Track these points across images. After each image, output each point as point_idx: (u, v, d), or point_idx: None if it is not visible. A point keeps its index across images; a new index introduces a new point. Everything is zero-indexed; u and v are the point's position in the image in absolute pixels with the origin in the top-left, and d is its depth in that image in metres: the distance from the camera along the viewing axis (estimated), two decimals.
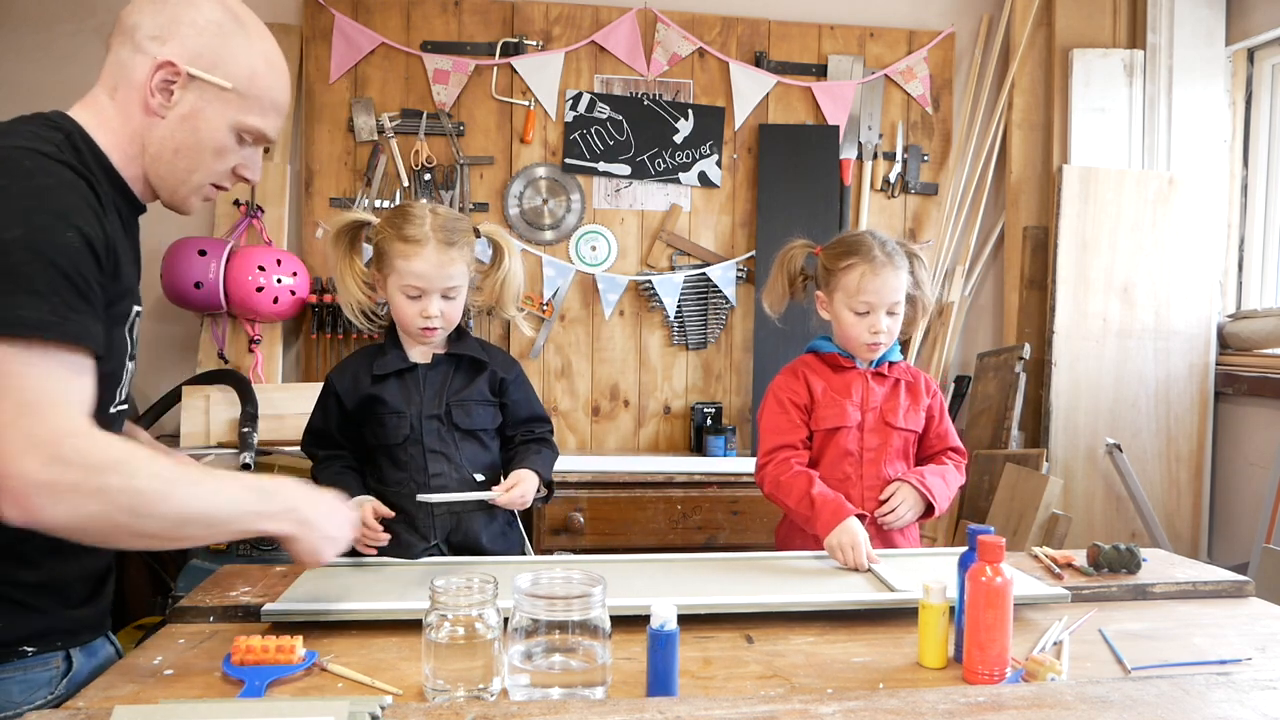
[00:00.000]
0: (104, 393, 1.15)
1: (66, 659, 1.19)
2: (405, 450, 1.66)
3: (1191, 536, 3.09)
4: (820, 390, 1.82)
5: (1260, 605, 1.48)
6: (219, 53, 1.17)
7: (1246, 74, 3.17)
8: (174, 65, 1.15)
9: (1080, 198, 3.07)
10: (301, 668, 1.14)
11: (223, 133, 1.20)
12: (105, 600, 1.28)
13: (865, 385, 1.82)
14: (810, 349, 1.89)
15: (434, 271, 1.60)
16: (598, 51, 3.15)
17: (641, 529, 2.68)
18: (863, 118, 3.26)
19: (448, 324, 1.66)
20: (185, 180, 1.22)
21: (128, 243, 1.21)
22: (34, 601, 1.15)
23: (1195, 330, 3.11)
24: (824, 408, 1.80)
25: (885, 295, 1.75)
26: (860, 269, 1.76)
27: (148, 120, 1.18)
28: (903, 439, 1.83)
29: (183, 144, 1.19)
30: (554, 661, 1.05)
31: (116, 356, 1.17)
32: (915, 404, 1.84)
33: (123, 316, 1.17)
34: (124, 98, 1.18)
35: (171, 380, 2.86)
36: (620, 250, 3.19)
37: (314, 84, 3.04)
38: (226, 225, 2.97)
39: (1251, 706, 0.98)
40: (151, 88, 1.16)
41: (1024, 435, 3.11)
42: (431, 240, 1.60)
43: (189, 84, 1.16)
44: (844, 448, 1.79)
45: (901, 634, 1.30)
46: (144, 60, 1.15)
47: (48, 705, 1.15)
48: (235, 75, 1.18)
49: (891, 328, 1.78)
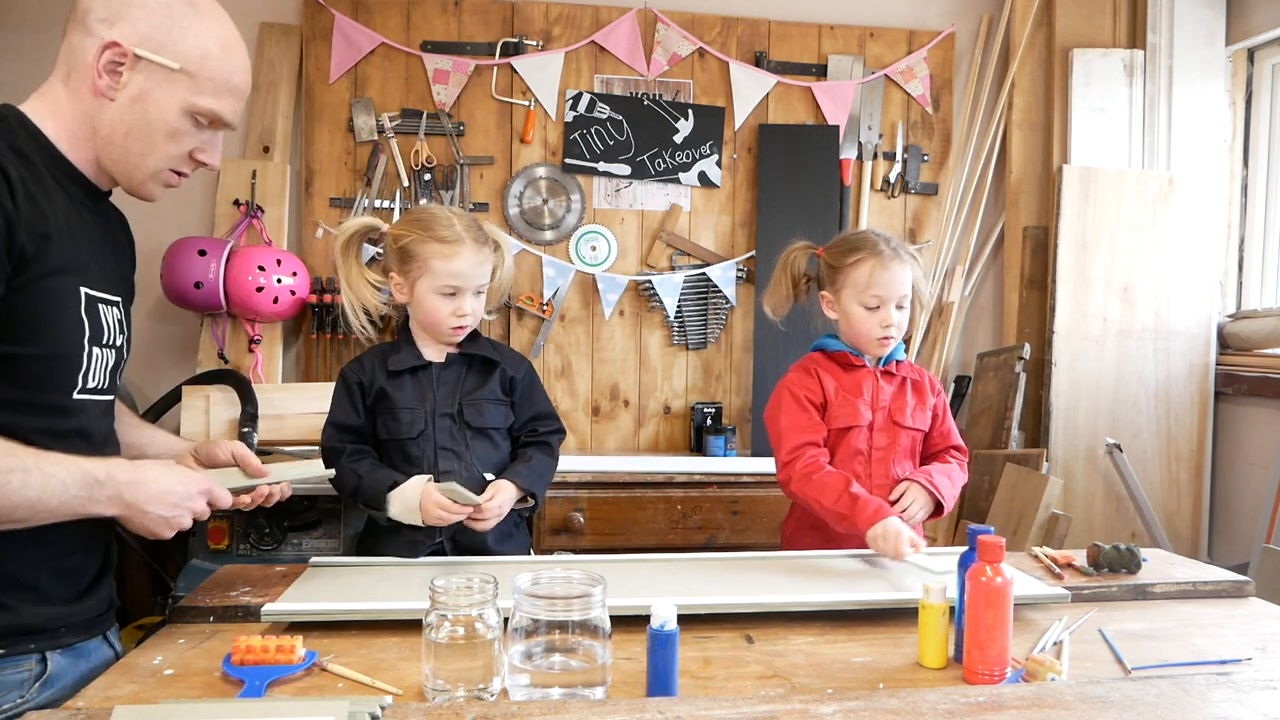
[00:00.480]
0: (61, 377, 1.17)
1: (42, 661, 1.18)
2: (417, 446, 1.69)
3: (1191, 536, 3.09)
4: (833, 389, 1.82)
5: (1260, 605, 1.49)
6: (168, 33, 1.16)
7: (1246, 74, 3.17)
8: (120, 46, 1.14)
9: (1080, 198, 3.07)
10: (301, 668, 1.14)
11: (174, 115, 1.19)
12: (96, 602, 1.27)
13: (875, 384, 1.82)
14: (817, 347, 1.89)
15: (472, 270, 1.66)
16: (598, 51, 3.15)
17: (641, 529, 2.68)
18: (863, 118, 3.26)
19: (475, 321, 1.71)
20: (139, 165, 1.21)
21: (80, 224, 1.20)
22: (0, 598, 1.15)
23: (1195, 330, 3.11)
24: (837, 406, 1.80)
25: (895, 288, 1.76)
26: (870, 263, 1.77)
27: (97, 103, 1.17)
28: (910, 438, 1.83)
29: (133, 127, 1.18)
30: (554, 661, 1.05)
31: (66, 338, 1.17)
32: (922, 403, 1.85)
33: (62, 295, 1.16)
34: (76, 82, 1.17)
35: (171, 380, 2.86)
36: (620, 250, 3.19)
37: (314, 84, 3.04)
38: (226, 225, 2.97)
39: (1251, 706, 0.98)
40: (99, 69, 1.15)
41: (1024, 435, 3.11)
42: (467, 240, 1.66)
43: (137, 65, 1.16)
44: (854, 447, 1.79)
45: (901, 634, 1.30)
46: (93, 43, 1.15)
47: (17, 711, 1.13)
48: (185, 56, 1.17)
49: (901, 321, 1.79)
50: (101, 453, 1.26)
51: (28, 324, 1.12)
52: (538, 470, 1.72)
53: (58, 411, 1.18)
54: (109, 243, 1.29)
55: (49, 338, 1.14)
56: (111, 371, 1.27)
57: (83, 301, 1.18)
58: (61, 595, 1.21)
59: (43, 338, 1.13)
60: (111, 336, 1.25)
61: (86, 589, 1.25)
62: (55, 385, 1.17)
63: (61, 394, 1.18)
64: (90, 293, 1.20)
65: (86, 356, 1.20)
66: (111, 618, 1.33)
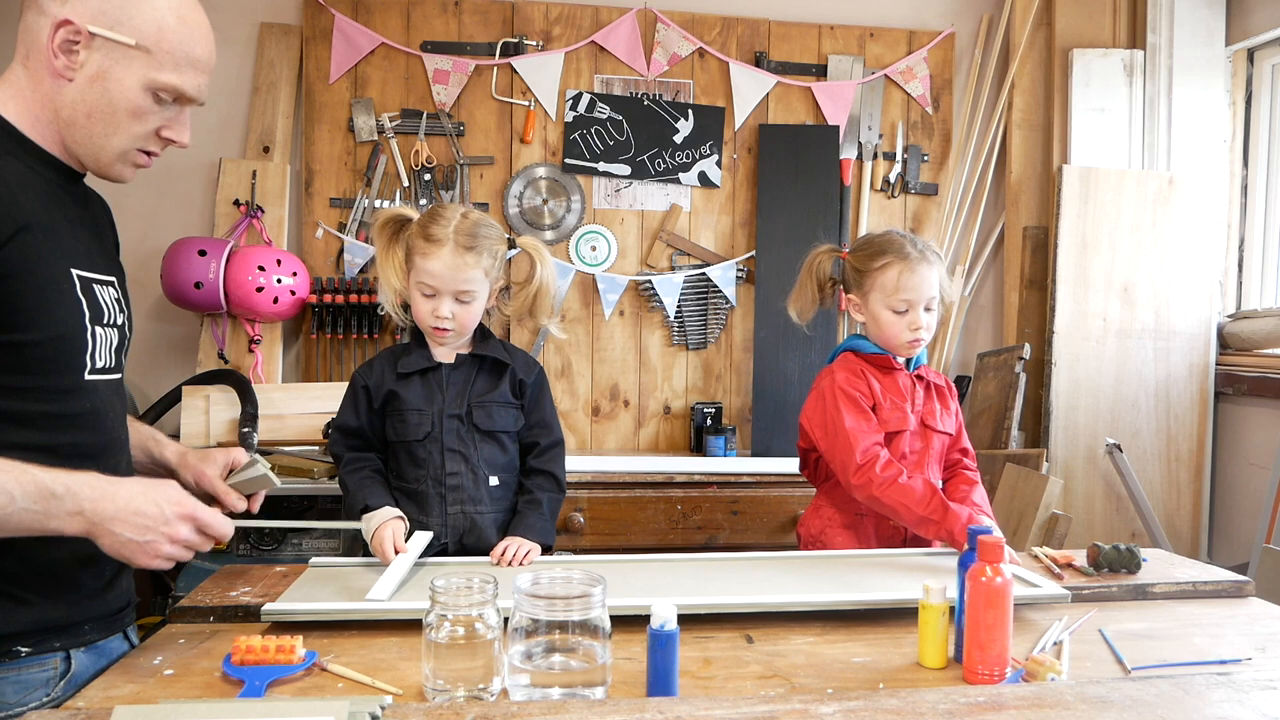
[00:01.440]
0: (67, 359, 1.16)
1: (66, 659, 1.18)
2: (424, 447, 1.69)
3: (1191, 536, 3.09)
4: (879, 391, 1.78)
5: (1260, 605, 1.48)
6: (122, 8, 1.13)
7: (1246, 74, 3.17)
8: (73, 24, 1.12)
9: (1080, 198, 3.07)
10: (301, 668, 1.14)
11: (135, 92, 1.16)
12: (116, 595, 1.27)
13: (912, 388, 1.81)
14: (849, 348, 1.84)
15: (447, 273, 1.62)
16: (598, 51, 3.15)
17: (641, 529, 2.68)
18: (863, 118, 3.26)
19: (460, 327, 1.67)
20: (104, 146, 1.18)
21: (58, 207, 1.18)
22: (23, 594, 1.14)
23: (1195, 330, 3.11)
24: (885, 410, 1.77)
25: (924, 291, 1.75)
26: (897, 267, 1.75)
27: (56, 84, 1.15)
28: (941, 443, 1.82)
29: (95, 106, 1.16)
30: (554, 661, 1.05)
31: (65, 320, 1.15)
32: (947, 408, 1.85)
33: (55, 279, 1.14)
34: (34, 64, 1.15)
35: (171, 380, 2.86)
36: (620, 250, 3.19)
37: (314, 84, 3.04)
38: (226, 225, 2.97)
39: (1251, 706, 0.98)
40: (54, 49, 1.13)
41: (1024, 435, 3.11)
42: (450, 242, 1.62)
43: (92, 43, 1.13)
44: (900, 451, 1.76)
45: (901, 634, 1.30)
46: (46, 22, 1.13)
47: (45, 706, 1.14)
48: (141, 31, 1.14)
49: (930, 323, 1.78)
50: (115, 436, 1.25)
51: (24, 310, 1.10)
52: (549, 515, 1.72)
53: (70, 394, 1.17)
54: (90, 224, 1.28)
55: (49, 321, 1.13)
56: (116, 351, 1.27)
57: (77, 284, 1.17)
58: (88, 585, 1.21)
59: (43, 322, 1.12)
60: (112, 316, 1.24)
61: (110, 579, 1.25)
62: (63, 368, 1.16)
63: (71, 376, 1.17)
64: (82, 274, 1.19)
65: (90, 337, 1.19)
66: (132, 614, 1.33)
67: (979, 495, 1.80)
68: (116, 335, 1.26)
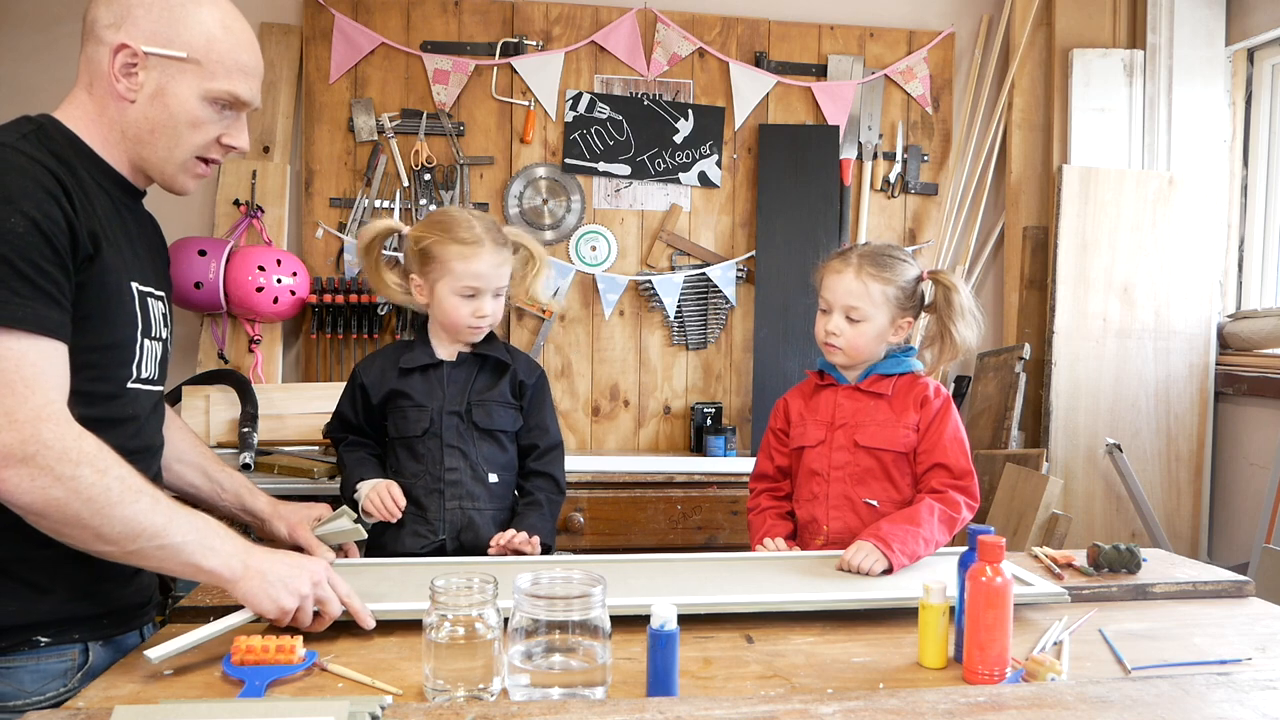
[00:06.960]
0: (115, 366, 1.22)
1: (84, 652, 1.20)
2: (424, 443, 1.71)
3: (1191, 536, 3.09)
4: (796, 411, 1.85)
5: (1260, 605, 1.48)
6: (172, 26, 1.20)
7: (1246, 74, 3.17)
8: (129, 46, 1.19)
9: (1080, 198, 3.07)
10: (301, 668, 1.14)
11: (194, 104, 1.23)
12: (135, 590, 1.29)
13: (835, 402, 1.78)
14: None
15: (491, 271, 1.68)
16: (598, 51, 3.15)
17: (641, 529, 2.68)
18: (863, 118, 3.26)
19: (494, 321, 1.73)
20: (169, 158, 1.25)
21: (121, 223, 1.25)
22: (48, 584, 1.17)
23: (1195, 330, 3.11)
24: (795, 427, 1.84)
25: (839, 296, 1.73)
26: (827, 266, 1.80)
27: (120, 107, 1.22)
28: (874, 458, 1.73)
29: (158, 123, 1.23)
30: (554, 661, 1.05)
31: (121, 329, 1.22)
32: (897, 421, 1.73)
33: (119, 289, 1.21)
34: (99, 91, 1.22)
35: (172, 380, 2.82)
36: (620, 250, 3.19)
37: (314, 84, 3.04)
38: (226, 225, 2.97)
39: (1251, 706, 0.98)
40: (115, 73, 1.20)
41: (1024, 435, 3.11)
42: (487, 242, 1.68)
43: (148, 63, 1.20)
44: (810, 467, 1.79)
45: (901, 634, 1.30)
46: (105, 50, 1.20)
47: (59, 699, 1.16)
48: (191, 44, 1.21)
49: (849, 334, 1.72)
50: (149, 443, 1.33)
51: (91, 317, 1.17)
52: (550, 515, 1.76)
53: (114, 400, 1.23)
54: (146, 240, 1.35)
55: (108, 330, 1.20)
56: (160, 363, 1.33)
57: (135, 296, 1.24)
58: (111, 578, 1.22)
59: (103, 329, 1.19)
60: (158, 330, 1.31)
61: (132, 575, 1.27)
62: (111, 375, 1.22)
63: (116, 383, 1.23)
64: (139, 288, 1.26)
65: (138, 348, 1.25)
66: (151, 612, 1.35)
67: (919, 514, 1.61)
68: (160, 349, 1.32)
